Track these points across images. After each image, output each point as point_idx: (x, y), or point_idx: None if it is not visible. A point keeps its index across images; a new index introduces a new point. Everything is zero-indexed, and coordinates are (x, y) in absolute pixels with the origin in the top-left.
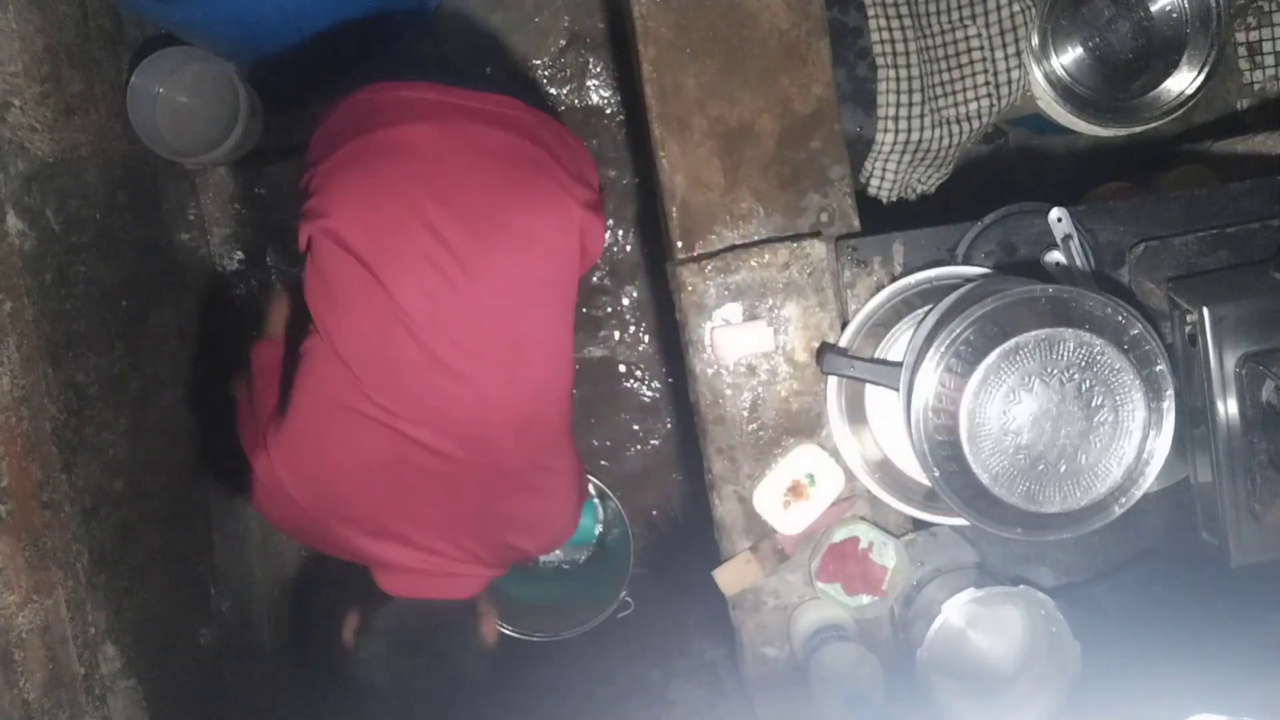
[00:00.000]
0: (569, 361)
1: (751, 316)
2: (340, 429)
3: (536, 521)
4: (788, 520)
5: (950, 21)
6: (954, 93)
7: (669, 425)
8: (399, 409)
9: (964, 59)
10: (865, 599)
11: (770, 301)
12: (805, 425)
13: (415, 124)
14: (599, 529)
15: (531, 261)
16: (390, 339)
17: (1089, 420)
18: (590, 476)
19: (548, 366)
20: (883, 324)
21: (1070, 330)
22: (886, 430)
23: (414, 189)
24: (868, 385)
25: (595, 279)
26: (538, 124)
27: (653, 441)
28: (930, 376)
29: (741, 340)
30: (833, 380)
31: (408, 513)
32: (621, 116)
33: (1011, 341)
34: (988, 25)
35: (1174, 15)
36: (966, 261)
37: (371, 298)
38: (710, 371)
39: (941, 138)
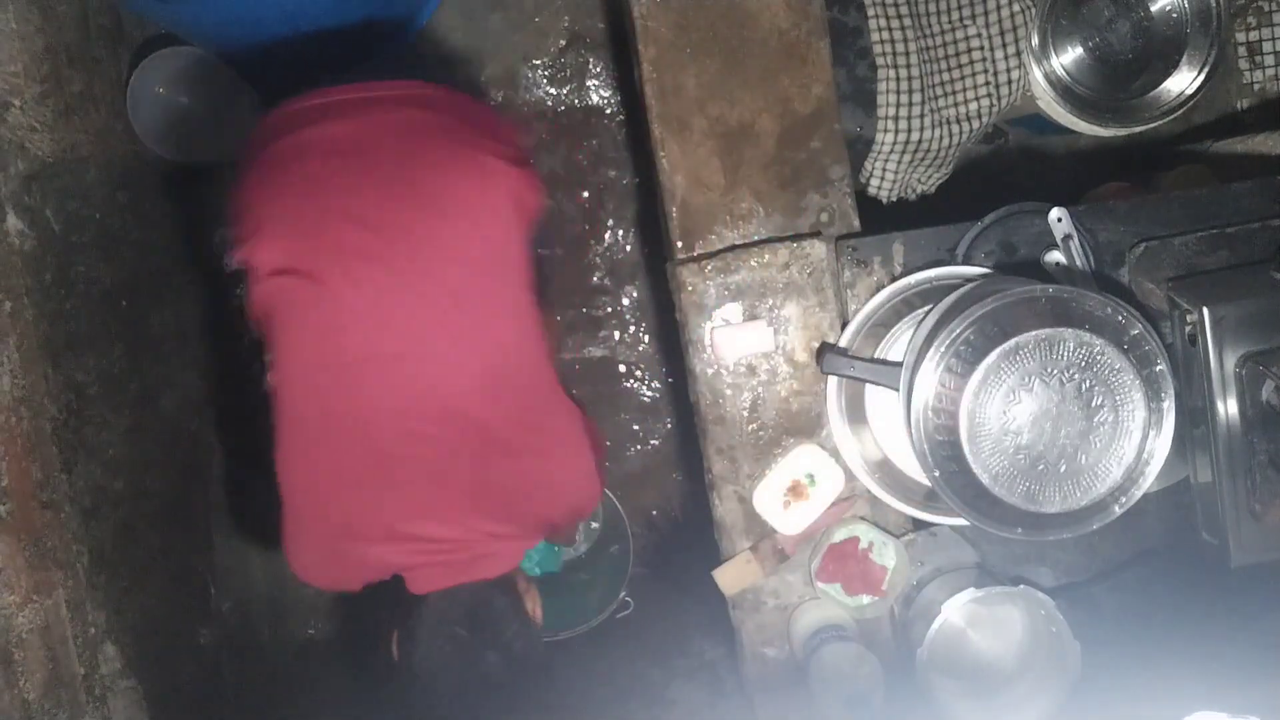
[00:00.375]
0: (531, 317)
1: (751, 316)
2: (323, 465)
3: (546, 484)
4: (788, 520)
5: (950, 21)
6: (954, 93)
7: (669, 425)
8: (365, 412)
9: (964, 59)
10: (865, 599)
11: (770, 301)
12: (805, 425)
13: (317, 125)
14: (594, 525)
15: (464, 225)
16: (331, 339)
17: (1089, 420)
18: None
19: (503, 324)
20: (883, 324)
21: (1070, 330)
22: (886, 430)
23: (327, 186)
24: (868, 385)
25: (595, 279)
26: (441, 96)
27: (653, 441)
28: (930, 376)
29: (741, 340)
30: (833, 380)
31: (410, 509)
32: (621, 116)
33: (1011, 341)
34: (988, 25)
35: (1174, 15)
36: (966, 261)
37: (306, 306)
38: (710, 371)
39: (941, 138)
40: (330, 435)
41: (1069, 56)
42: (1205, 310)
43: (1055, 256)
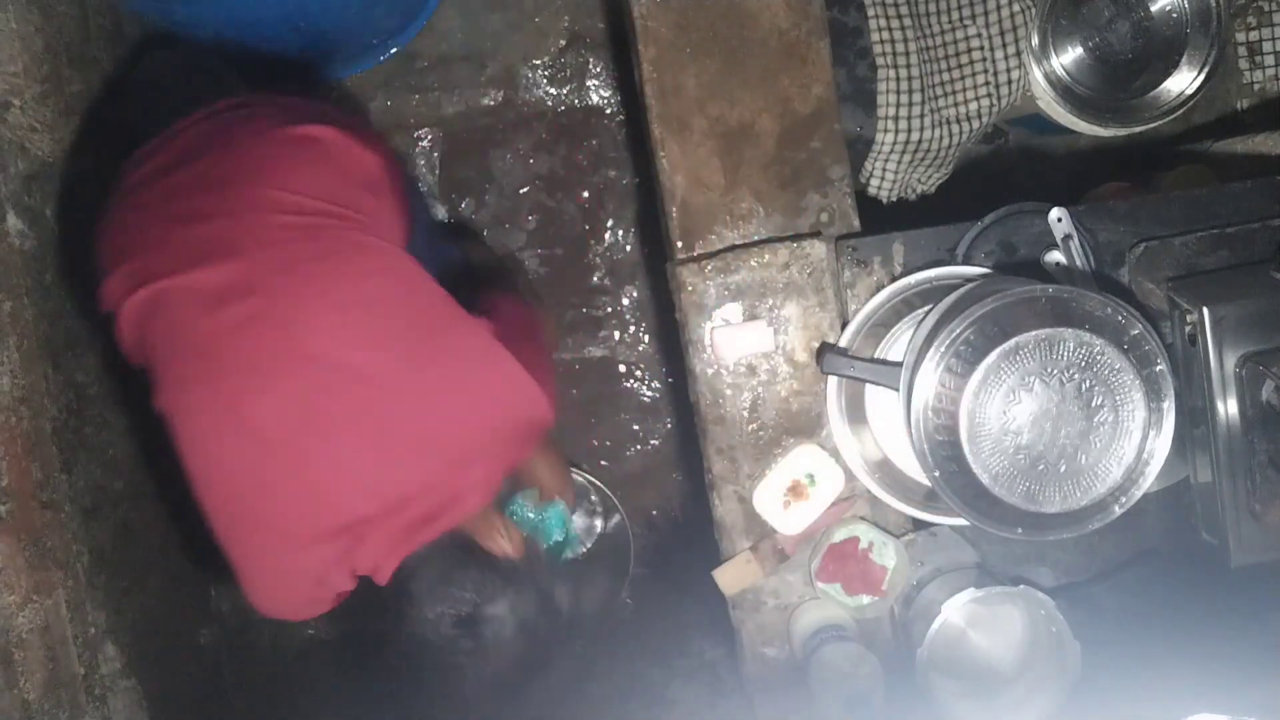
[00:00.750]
0: (405, 258)
1: (751, 316)
2: (233, 473)
3: (457, 414)
4: (788, 520)
5: (950, 21)
6: (954, 93)
7: (669, 425)
8: (248, 394)
9: (964, 59)
10: (865, 599)
11: (770, 301)
12: (805, 425)
13: (141, 165)
14: (596, 525)
15: (292, 184)
16: (201, 330)
17: (1089, 420)
18: (590, 477)
19: (369, 268)
20: (883, 324)
21: (1070, 330)
22: (886, 430)
23: (151, 206)
24: (868, 385)
25: (595, 279)
26: (267, 101)
27: (653, 441)
28: (930, 376)
29: (741, 340)
30: (833, 380)
31: (328, 491)
32: (621, 116)
33: (1011, 341)
34: (988, 25)
35: (1174, 15)
36: (966, 261)
37: (166, 307)
38: (710, 371)
39: (941, 138)
40: (225, 436)
41: (1069, 56)
42: (1205, 310)
43: (1055, 256)
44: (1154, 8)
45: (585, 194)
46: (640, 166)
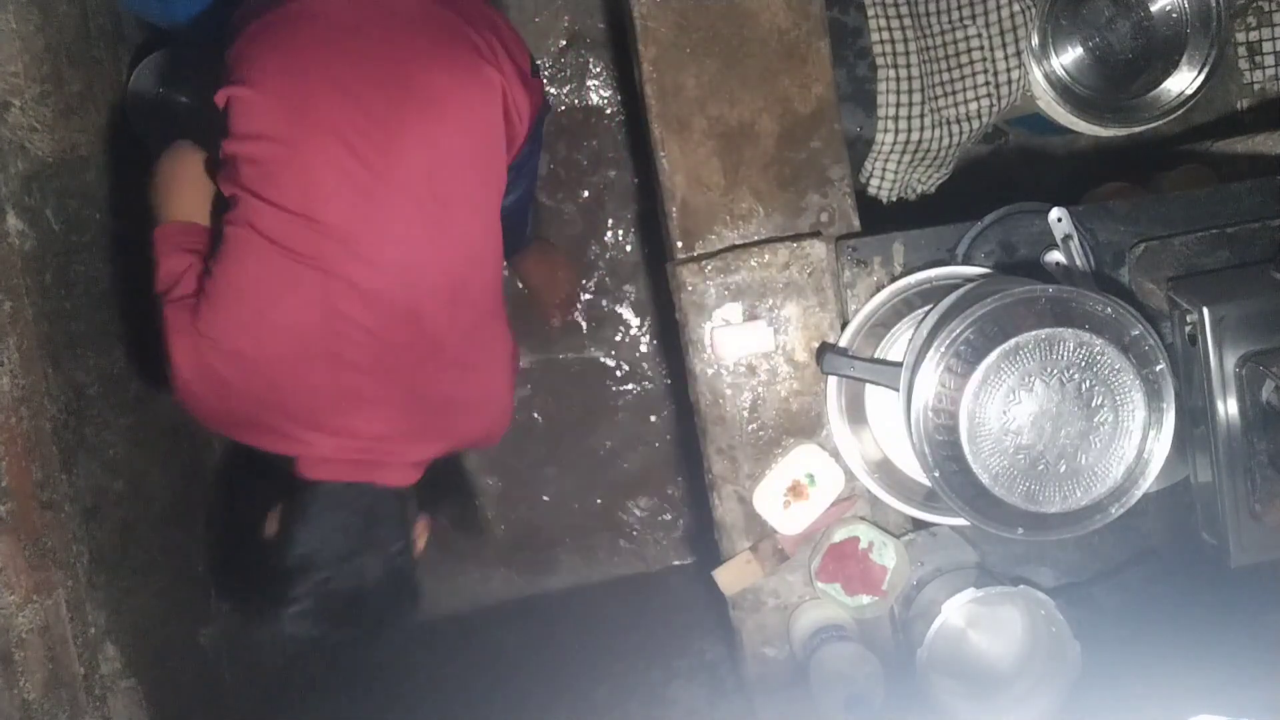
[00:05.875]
0: (496, 229)
1: (751, 316)
2: (272, 307)
3: (476, 400)
4: (788, 520)
5: (950, 21)
6: (954, 93)
7: (669, 425)
8: (330, 283)
9: (964, 59)
10: (865, 599)
11: (770, 301)
12: (805, 425)
13: None
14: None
15: (451, 122)
16: (310, 200)
17: (1089, 420)
18: None
19: (474, 225)
20: (883, 324)
21: (1070, 330)
22: (886, 430)
23: (330, 57)
24: (868, 385)
25: (595, 279)
26: None
27: (653, 442)
28: (930, 376)
29: (741, 340)
30: (833, 380)
31: (343, 401)
32: (621, 116)
33: (1011, 341)
34: (988, 25)
35: (1174, 15)
36: (966, 261)
37: (282, 167)
38: (710, 371)
39: (941, 138)
40: (291, 284)
41: (1069, 56)
42: (1205, 310)
43: (1055, 256)
44: (1154, 8)
45: (585, 194)
46: (640, 166)
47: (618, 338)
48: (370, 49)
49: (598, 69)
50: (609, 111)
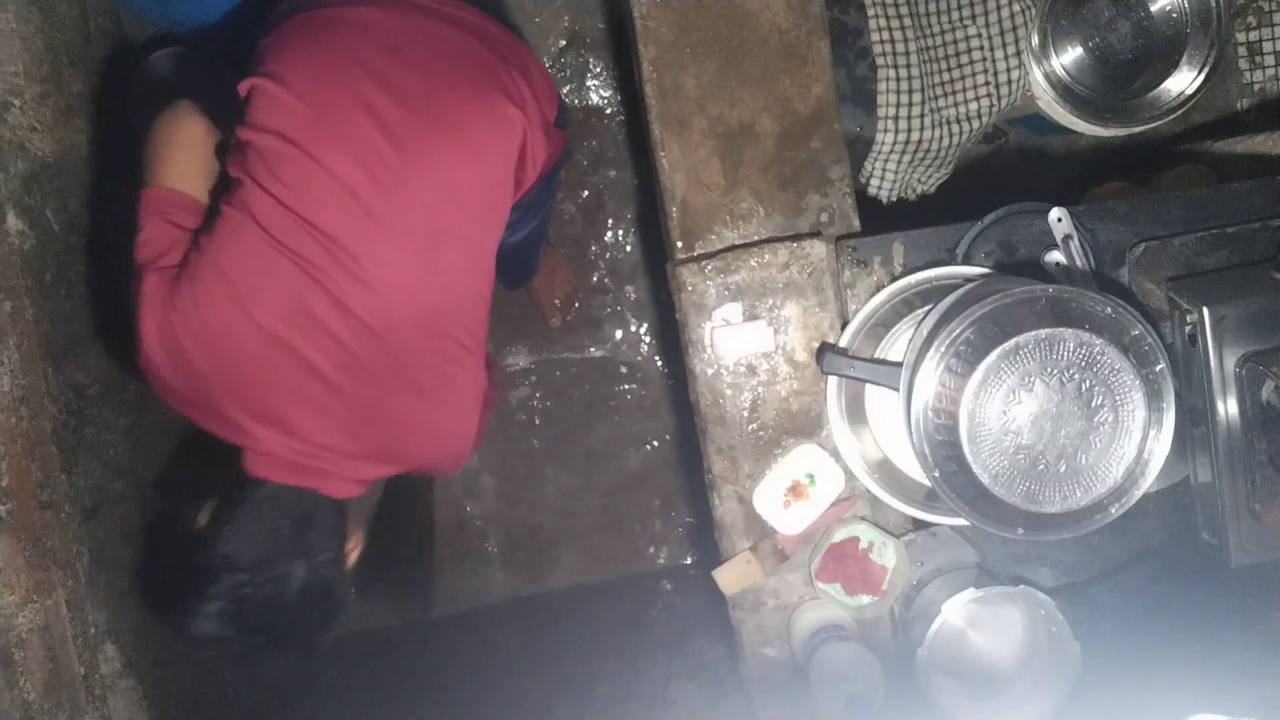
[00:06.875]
0: (488, 270)
1: (751, 316)
2: (249, 293)
3: (431, 431)
4: (788, 520)
5: (950, 21)
6: (954, 93)
7: (669, 425)
8: (309, 284)
9: (964, 59)
10: (865, 599)
11: (770, 301)
12: (805, 425)
13: (371, 7)
14: None
15: (468, 158)
16: (306, 200)
17: (1089, 420)
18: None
19: (463, 262)
20: (883, 324)
21: (1070, 330)
22: (886, 430)
23: (363, 75)
24: (868, 385)
25: (595, 279)
26: (498, 35)
27: (653, 441)
28: (930, 376)
29: (741, 340)
30: (833, 380)
31: (299, 402)
32: (621, 116)
33: (1011, 341)
34: (988, 25)
35: (1174, 15)
36: (966, 261)
37: (290, 165)
38: (710, 371)
39: (941, 138)
40: (273, 275)
41: (1069, 56)
42: (1205, 310)
43: (1055, 256)
44: (1154, 8)
45: (585, 194)
46: (640, 166)
47: (617, 338)
48: (406, 74)
49: (598, 69)
50: (609, 111)
